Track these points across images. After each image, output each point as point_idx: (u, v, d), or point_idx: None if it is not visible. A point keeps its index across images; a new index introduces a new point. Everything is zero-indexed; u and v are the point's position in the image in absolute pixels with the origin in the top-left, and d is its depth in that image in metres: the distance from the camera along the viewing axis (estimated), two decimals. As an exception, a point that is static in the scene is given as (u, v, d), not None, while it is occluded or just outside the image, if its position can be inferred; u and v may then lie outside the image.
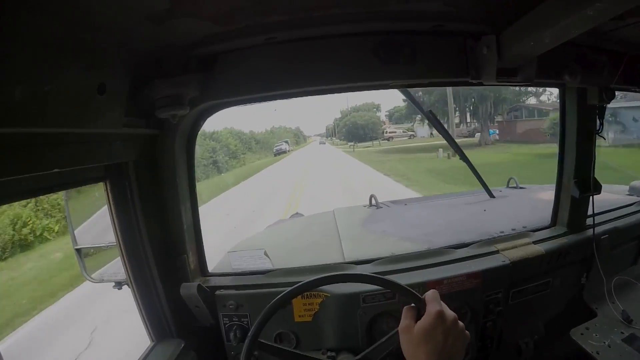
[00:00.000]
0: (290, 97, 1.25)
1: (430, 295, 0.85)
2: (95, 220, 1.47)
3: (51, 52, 0.66)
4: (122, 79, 0.89)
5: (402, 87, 1.34)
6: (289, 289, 0.97)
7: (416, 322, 0.82)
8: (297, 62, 1.08)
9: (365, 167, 17.98)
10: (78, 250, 1.39)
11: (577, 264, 1.48)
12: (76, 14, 0.67)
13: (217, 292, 1.30)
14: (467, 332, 0.84)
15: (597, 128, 1.37)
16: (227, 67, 1.07)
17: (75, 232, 1.43)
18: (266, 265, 1.47)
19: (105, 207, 1.22)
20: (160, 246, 1.23)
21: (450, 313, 0.83)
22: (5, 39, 0.57)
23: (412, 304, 0.87)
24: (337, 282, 1.09)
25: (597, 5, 0.70)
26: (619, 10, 0.73)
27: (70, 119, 0.75)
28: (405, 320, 0.84)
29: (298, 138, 59.89)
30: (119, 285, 1.36)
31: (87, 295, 5.42)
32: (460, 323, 0.83)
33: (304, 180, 15.38)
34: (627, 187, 2.01)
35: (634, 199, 1.81)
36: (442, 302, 0.85)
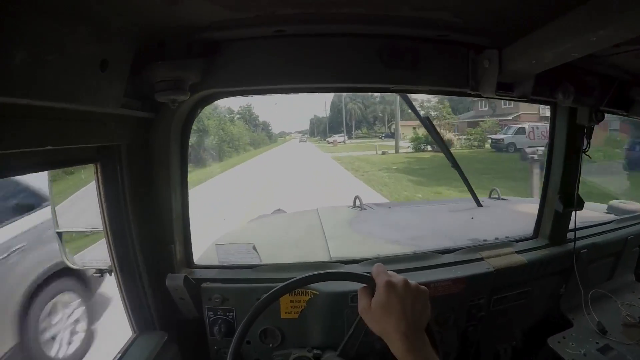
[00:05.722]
0: (291, 92, 1.24)
1: (376, 269, 0.85)
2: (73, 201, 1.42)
3: (57, 14, 0.63)
4: (124, 57, 0.86)
5: (402, 92, 1.35)
6: (270, 292, 0.95)
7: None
8: (302, 58, 1.07)
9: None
10: (59, 234, 1.34)
11: (556, 275, 1.53)
12: None
13: (203, 285, 1.28)
14: (423, 287, 0.83)
15: (584, 147, 1.42)
16: (231, 56, 1.05)
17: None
18: (254, 259, 1.45)
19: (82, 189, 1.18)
20: (147, 234, 1.19)
21: (399, 279, 0.82)
22: None
23: (365, 285, 0.87)
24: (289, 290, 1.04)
25: (599, 32, 0.73)
26: (619, 40, 0.76)
27: (71, 93, 0.72)
28: (361, 301, 0.84)
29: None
30: (100, 272, 1.32)
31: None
32: (412, 282, 0.83)
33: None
34: (606, 206, 2.10)
35: (612, 217, 1.89)
36: (389, 271, 0.84)
